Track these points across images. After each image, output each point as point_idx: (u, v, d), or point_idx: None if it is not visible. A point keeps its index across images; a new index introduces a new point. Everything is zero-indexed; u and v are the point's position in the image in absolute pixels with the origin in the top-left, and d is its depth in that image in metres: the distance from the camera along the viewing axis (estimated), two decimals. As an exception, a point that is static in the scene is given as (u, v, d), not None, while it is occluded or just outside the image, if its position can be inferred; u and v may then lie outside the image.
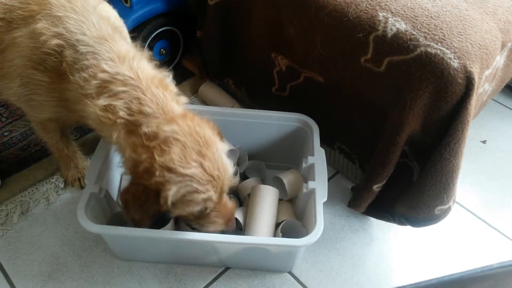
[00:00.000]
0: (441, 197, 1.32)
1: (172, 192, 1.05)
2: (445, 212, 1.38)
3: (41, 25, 1.13)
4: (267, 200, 1.39)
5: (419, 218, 1.40)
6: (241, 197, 1.54)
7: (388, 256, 1.49)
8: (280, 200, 1.47)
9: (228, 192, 1.21)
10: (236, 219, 1.43)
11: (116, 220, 1.40)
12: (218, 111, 1.54)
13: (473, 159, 1.81)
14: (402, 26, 1.22)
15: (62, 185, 1.62)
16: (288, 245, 1.24)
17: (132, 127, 1.09)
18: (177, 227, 1.38)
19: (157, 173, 1.04)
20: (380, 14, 1.25)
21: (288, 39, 1.48)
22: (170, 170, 1.04)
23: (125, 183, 1.49)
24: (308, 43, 1.42)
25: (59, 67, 1.14)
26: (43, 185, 1.61)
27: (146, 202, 1.08)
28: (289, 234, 1.38)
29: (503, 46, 1.31)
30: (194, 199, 1.09)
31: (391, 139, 1.28)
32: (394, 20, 1.23)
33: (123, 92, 1.09)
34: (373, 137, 1.40)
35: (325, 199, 1.30)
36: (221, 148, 1.15)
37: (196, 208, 1.12)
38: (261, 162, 1.63)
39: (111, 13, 1.27)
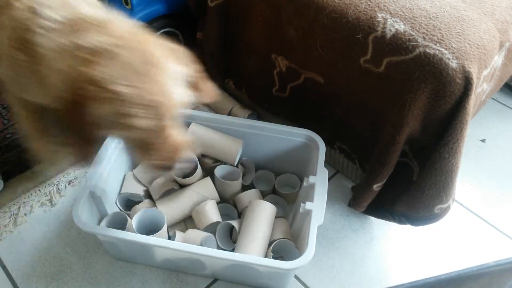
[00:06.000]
0: (441, 196, 1.33)
1: (98, 111, 0.88)
2: (444, 211, 1.40)
3: None
4: (262, 216, 1.34)
5: (419, 217, 1.41)
6: (239, 209, 1.51)
7: (388, 254, 1.50)
8: (277, 217, 1.43)
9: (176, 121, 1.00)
10: (232, 228, 1.42)
11: (113, 221, 1.41)
12: (228, 120, 1.55)
13: (472, 158, 1.82)
14: (401, 26, 1.23)
15: (64, 187, 1.63)
16: (273, 267, 1.18)
17: None
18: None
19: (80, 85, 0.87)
20: (379, 15, 1.26)
21: (288, 40, 1.49)
22: (94, 83, 0.87)
23: (127, 183, 1.52)
24: (308, 44, 1.43)
25: None
26: (45, 186, 1.62)
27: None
28: (282, 254, 1.35)
29: (501, 46, 1.32)
30: (125, 123, 0.90)
31: (391, 139, 1.29)
32: (393, 21, 1.24)
33: None
34: (373, 137, 1.41)
35: (321, 222, 1.26)
36: (172, 71, 0.96)
37: (129, 134, 0.95)
38: (270, 172, 1.62)
39: None
